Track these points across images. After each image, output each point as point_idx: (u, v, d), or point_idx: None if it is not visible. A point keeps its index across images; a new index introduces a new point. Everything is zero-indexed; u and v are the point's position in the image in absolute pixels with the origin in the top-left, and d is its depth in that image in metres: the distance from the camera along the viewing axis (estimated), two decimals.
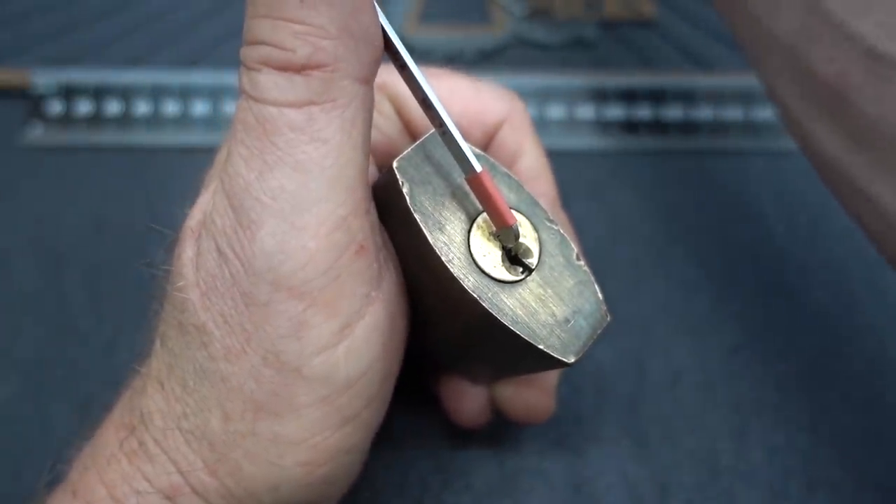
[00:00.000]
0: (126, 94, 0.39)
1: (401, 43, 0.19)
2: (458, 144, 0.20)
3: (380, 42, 0.19)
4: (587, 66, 0.41)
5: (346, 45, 0.18)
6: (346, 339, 0.19)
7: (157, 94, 0.39)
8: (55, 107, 0.38)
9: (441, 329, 0.23)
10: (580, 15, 0.43)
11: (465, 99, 0.25)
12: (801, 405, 0.32)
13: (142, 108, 0.38)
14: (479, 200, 0.20)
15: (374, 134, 0.24)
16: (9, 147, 0.38)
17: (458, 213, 0.20)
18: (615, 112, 0.39)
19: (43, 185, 0.37)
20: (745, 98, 0.39)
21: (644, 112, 0.39)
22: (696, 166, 0.38)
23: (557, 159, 0.28)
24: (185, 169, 0.38)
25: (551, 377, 0.27)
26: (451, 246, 0.20)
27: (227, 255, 0.18)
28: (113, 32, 0.41)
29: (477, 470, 0.30)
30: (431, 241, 0.20)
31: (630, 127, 0.39)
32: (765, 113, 0.39)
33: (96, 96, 0.39)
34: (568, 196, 0.37)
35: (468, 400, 0.28)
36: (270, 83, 0.18)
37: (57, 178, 0.37)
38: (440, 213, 0.20)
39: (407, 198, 0.20)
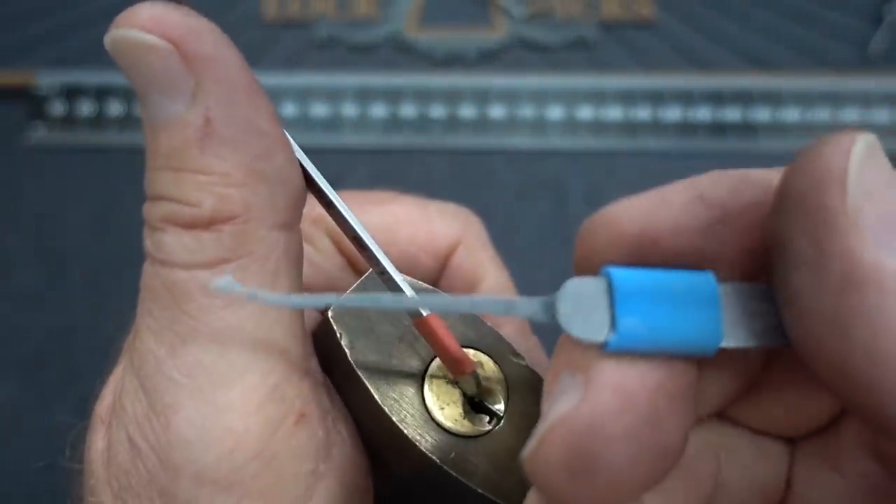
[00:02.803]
0: (127, 95, 0.39)
1: (323, 179, 0.17)
2: (398, 286, 0.17)
3: (298, 181, 0.16)
4: (587, 66, 0.41)
5: (256, 191, 0.15)
6: None
7: None
8: (58, 107, 0.39)
9: (408, 487, 0.20)
10: (580, 15, 0.43)
11: (412, 224, 0.22)
12: None
13: None
14: (430, 346, 0.17)
15: (313, 273, 0.21)
16: (11, 147, 0.38)
17: (409, 361, 0.17)
18: (614, 113, 0.39)
19: (45, 185, 0.37)
20: (744, 98, 0.39)
21: (643, 113, 0.39)
22: (696, 167, 0.38)
23: (557, 159, 0.28)
24: None
25: None
26: (401, 402, 0.17)
27: (140, 447, 0.16)
28: None
29: None
30: (379, 400, 0.17)
31: (629, 127, 0.39)
32: (764, 113, 0.39)
33: (98, 97, 0.39)
34: (567, 196, 0.37)
35: None
36: (176, 244, 0.15)
37: (59, 178, 0.37)
38: (388, 364, 0.17)
39: (347, 351, 0.17)
